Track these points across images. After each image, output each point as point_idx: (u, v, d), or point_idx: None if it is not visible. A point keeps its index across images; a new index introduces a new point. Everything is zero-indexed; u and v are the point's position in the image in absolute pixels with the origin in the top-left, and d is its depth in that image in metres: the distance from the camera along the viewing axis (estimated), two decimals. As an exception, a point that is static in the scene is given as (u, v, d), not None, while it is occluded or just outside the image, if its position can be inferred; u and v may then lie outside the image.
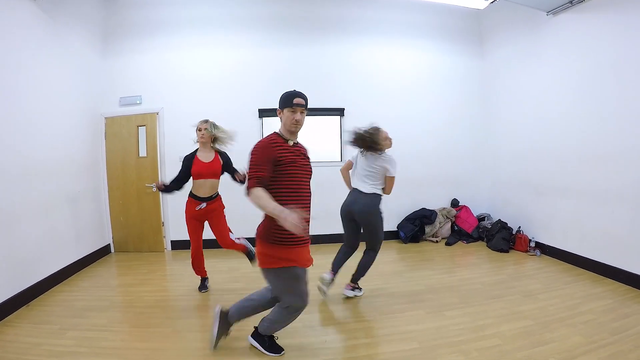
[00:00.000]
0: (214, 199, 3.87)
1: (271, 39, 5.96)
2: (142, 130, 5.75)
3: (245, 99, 5.88)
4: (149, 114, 5.75)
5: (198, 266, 3.99)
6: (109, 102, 5.76)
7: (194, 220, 3.83)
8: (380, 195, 3.65)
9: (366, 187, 3.61)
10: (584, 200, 4.56)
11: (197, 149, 3.90)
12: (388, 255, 5.20)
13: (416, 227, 5.92)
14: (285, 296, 2.46)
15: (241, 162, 3.62)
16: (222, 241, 3.92)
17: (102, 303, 3.76)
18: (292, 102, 2.35)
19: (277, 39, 5.97)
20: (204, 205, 3.79)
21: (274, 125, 6.01)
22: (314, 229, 4.27)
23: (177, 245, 5.82)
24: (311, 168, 2.53)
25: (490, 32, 6.31)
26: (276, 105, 5.45)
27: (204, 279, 4.11)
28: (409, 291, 3.86)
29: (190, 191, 3.84)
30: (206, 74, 5.87)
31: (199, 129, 3.86)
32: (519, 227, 5.54)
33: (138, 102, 5.78)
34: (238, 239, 4.02)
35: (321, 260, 3.53)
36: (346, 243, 3.82)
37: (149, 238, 5.79)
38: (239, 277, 4.44)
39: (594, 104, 4.38)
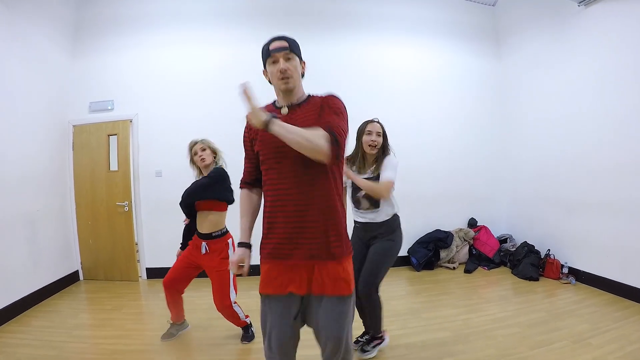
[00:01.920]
0: (215, 238, 3.09)
1: (261, 35, 5.22)
2: (113, 139, 5.11)
3: (231, 103, 5.17)
4: (121, 121, 5.11)
5: (172, 305, 3.23)
6: (77, 108, 5.16)
7: (188, 258, 3.14)
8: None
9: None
10: (623, 218, 4.02)
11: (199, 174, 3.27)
12: (400, 287, 4.55)
13: (430, 251, 5.26)
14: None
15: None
16: (217, 301, 3.10)
17: (49, 352, 3.14)
18: (269, 49, 1.70)
19: (268, 36, 5.30)
20: (206, 247, 3.06)
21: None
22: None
23: (153, 273, 5.12)
24: None
25: (508, 30, 5.80)
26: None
27: (173, 325, 3.36)
28: (432, 340, 3.16)
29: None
30: (187, 75, 5.25)
31: (195, 153, 3.17)
32: (548, 250, 4.92)
33: (109, 107, 5.16)
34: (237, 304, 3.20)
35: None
36: None
37: (121, 264, 5.09)
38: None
39: (633, 106, 3.87)
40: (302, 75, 1.78)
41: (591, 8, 4.33)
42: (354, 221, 2.86)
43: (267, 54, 1.70)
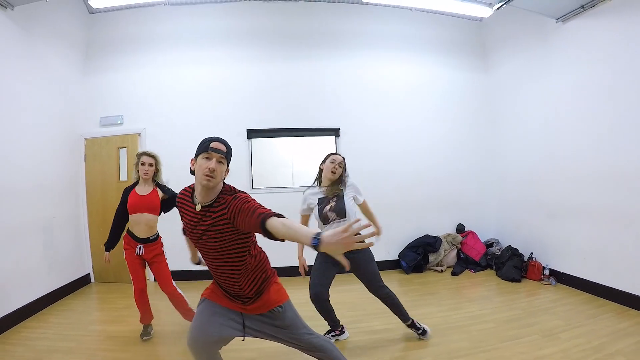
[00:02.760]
0: (152, 242, 3.53)
1: (260, 55, 5.68)
2: (123, 152, 5.44)
3: (233, 119, 5.57)
4: (130, 135, 5.45)
5: (144, 311, 3.55)
6: (89, 122, 5.51)
7: (134, 259, 3.50)
8: None
9: None
10: (603, 223, 4.22)
11: (135, 183, 3.58)
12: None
13: (419, 255, 5.50)
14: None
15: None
16: (163, 287, 3.51)
17: (67, 344, 3.44)
18: (208, 145, 1.87)
19: (266, 55, 5.68)
20: (141, 250, 3.47)
21: (263, 147, 5.73)
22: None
23: (159, 277, 5.38)
24: (212, 239, 1.91)
25: (493, 44, 6.06)
26: (266, 125, 5.15)
27: (147, 327, 3.64)
28: (411, 334, 3.40)
29: (127, 228, 3.57)
30: (191, 92, 5.58)
31: (143, 163, 3.49)
32: (531, 253, 5.15)
33: (119, 122, 5.50)
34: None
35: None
36: None
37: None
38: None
39: (610, 116, 4.09)
40: (223, 179, 1.97)
41: (568, 24, 4.59)
42: None
43: (205, 149, 1.87)
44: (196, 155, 1.91)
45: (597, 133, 4.26)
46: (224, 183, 1.99)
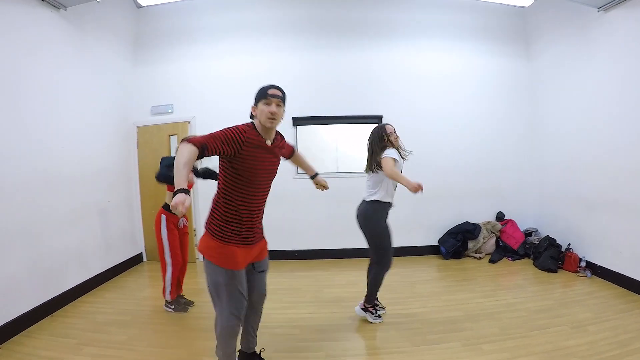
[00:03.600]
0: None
1: (304, 43, 6.02)
2: (174, 139, 5.94)
3: (279, 107, 5.93)
4: (181, 123, 5.94)
5: (176, 285, 4.09)
6: (140, 111, 6.03)
7: (176, 236, 4.03)
8: (377, 200, 3.58)
9: (364, 194, 3.68)
10: (638, 217, 4.37)
11: None
12: (427, 273, 5.20)
13: (458, 242, 5.83)
14: (222, 301, 2.37)
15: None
16: (186, 257, 4.22)
17: (124, 317, 3.94)
18: (266, 92, 2.25)
19: (310, 44, 6.02)
20: (183, 221, 4.08)
21: (308, 133, 6.14)
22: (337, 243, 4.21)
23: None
24: (277, 168, 2.49)
25: (537, 31, 6.10)
26: (311, 113, 5.57)
27: (180, 296, 4.21)
28: (446, 318, 3.79)
29: (166, 203, 4.00)
30: (238, 81, 5.97)
31: None
32: (569, 244, 5.35)
33: (169, 110, 6.00)
34: None
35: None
36: None
37: (180, 248, 5.95)
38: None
39: None
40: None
41: (610, 13, 4.63)
42: (387, 203, 3.62)
43: (264, 95, 2.26)
44: (256, 102, 2.33)
45: (636, 126, 4.34)
46: None
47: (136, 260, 5.96)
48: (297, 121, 6.01)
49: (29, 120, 3.87)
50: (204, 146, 2.02)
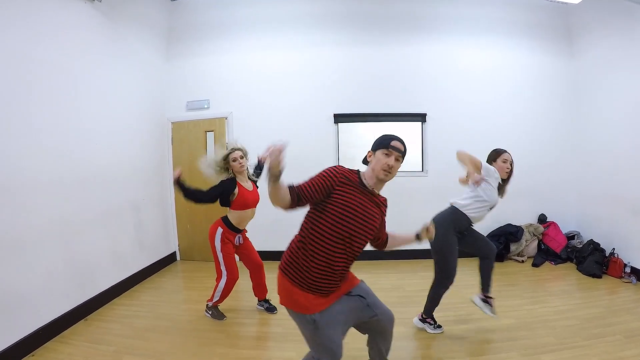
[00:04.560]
0: (244, 230, 4.13)
1: (346, 37, 6.12)
2: (210, 135, 6.09)
3: (320, 103, 6.09)
4: (217, 119, 6.10)
5: (225, 297, 4.13)
6: (175, 106, 6.16)
7: (232, 251, 4.04)
8: (458, 208, 3.66)
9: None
10: None
11: (233, 177, 3.90)
12: (471, 276, 5.28)
13: (501, 244, 5.94)
14: (312, 348, 2.27)
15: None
16: (254, 263, 4.18)
17: (163, 323, 4.00)
18: (389, 143, 2.19)
19: (352, 38, 6.12)
20: (240, 239, 4.06)
21: (350, 131, 6.21)
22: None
23: (245, 257, 6.13)
24: (376, 224, 2.24)
25: (581, 29, 6.17)
26: (353, 110, 5.56)
27: (217, 307, 4.21)
28: (499, 325, 3.92)
29: (229, 221, 3.96)
30: (277, 76, 6.11)
31: (234, 160, 3.84)
32: (613, 249, 5.46)
33: (205, 106, 6.15)
34: None
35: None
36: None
37: (215, 248, 6.15)
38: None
39: None
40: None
41: None
42: (465, 216, 3.67)
43: (386, 145, 2.19)
44: (374, 149, 2.25)
45: None
46: None
47: (170, 259, 6.15)
48: (339, 118, 6.13)
49: (62, 116, 3.94)
50: (296, 188, 2.03)
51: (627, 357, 3.28)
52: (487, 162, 3.70)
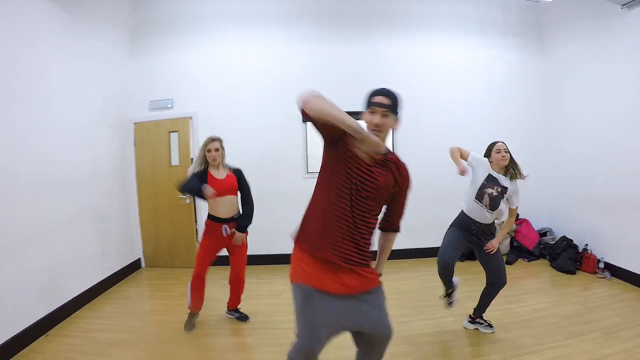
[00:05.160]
0: (236, 220, 3.79)
1: (315, 34, 5.90)
2: (174, 136, 5.78)
3: (287, 101, 5.73)
4: (181, 119, 5.78)
5: (196, 299, 3.80)
6: (138, 106, 5.83)
7: (214, 242, 3.77)
8: (462, 210, 3.70)
9: None
10: None
11: (205, 167, 3.74)
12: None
13: (472, 243, 5.83)
14: (296, 326, 2.03)
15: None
16: (235, 275, 3.89)
17: (128, 336, 3.72)
18: (371, 100, 1.97)
19: (321, 35, 5.91)
20: (227, 228, 3.73)
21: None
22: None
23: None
24: (381, 188, 1.99)
25: (552, 27, 6.12)
26: None
27: (193, 315, 3.91)
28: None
29: (208, 213, 3.80)
30: (244, 73, 5.84)
31: (209, 150, 3.69)
32: (586, 245, 5.42)
33: (169, 105, 5.83)
34: None
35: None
36: None
37: (181, 253, 5.84)
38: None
39: None
40: (393, 130, 2.08)
41: (634, 10, 4.65)
42: (467, 217, 3.64)
43: (368, 103, 1.97)
44: (364, 110, 2.02)
45: None
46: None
47: (135, 266, 5.79)
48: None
49: (15, 118, 3.54)
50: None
51: (609, 355, 3.20)
52: (485, 156, 3.61)
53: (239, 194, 3.86)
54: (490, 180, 3.49)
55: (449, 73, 6.15)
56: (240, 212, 3.86)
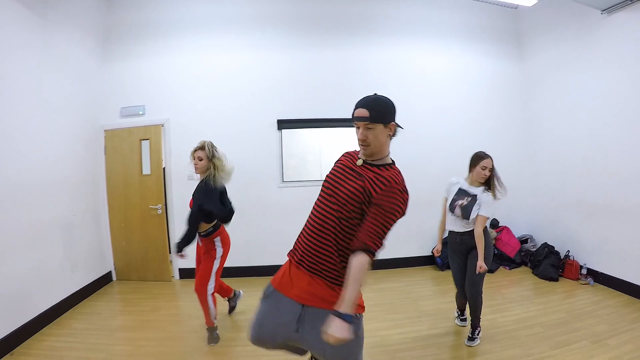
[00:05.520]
0: (207, 237, 3.62)
1: (292, 39, 5.71)
2: (145, 144, 5.51)
3: (263, 108, 5.63)
4: (153, 126, 5.51)
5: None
6: (109, 113, 5.53)
7: (198, 252, 3.80)
8: None
9: None
10: None
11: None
12: (426, 287, 4.99)
13: (454, 252, 5.68)
14: None
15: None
16: (196, 283, 3.66)
17: (96, 355, 3.45)
18: (353, 115, 1.90)
19: (298, 40, 5.72)
20: (200, 242, 3.70)
21: (295, 137, 5.81)
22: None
23: (186, 274, 5.52)
24: (349, 192, 1.86)
25: (530, 32, 6.08)
26: (297, 115, 5.56)
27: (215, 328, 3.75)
28: (461, 340, 3.60)
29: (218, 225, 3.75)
30: (218, 79, 5.62)
31: (194, 158, 3.60)
32: (568, 251, 5.33)
33: (141, 112, 5.55)
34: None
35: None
36: None
37: (154, 265, 5.55)
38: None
39: None
40: (392, 136, 1.98)
41: (614, 16, 4.61)
42: (449, 232, 3.69)
43: (352, 118, 1.91)
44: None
45: None
46: (392, 160, 2.07)
47: (105, 280, 5.46)
48: (283, 124, 5.68)
49: None
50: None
51: (598, 365, 3.07)
52: (469, 164, 3.66)
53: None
54: (460, 192, 3.56)
55: (429, 79, 6.02)
56: (212, 229, 3.71)
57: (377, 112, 1.85)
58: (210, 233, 3.60)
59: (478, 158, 3.53)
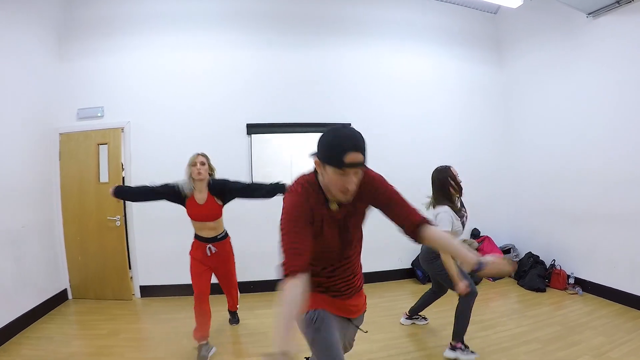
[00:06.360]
0: (220, 240, 3.53)
1: (262, 39, 5.32)
2: (103, 149, 4.99)
3: (231, 111, 5.21)
4: (112, 130, 5.00)
5: (201, 323, 3.37)
6: (65, 115, 5.03)
7: (199, 263, 3.47)
8: None
9: None
10: (632, 229, 4.18)
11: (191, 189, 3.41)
12: (408, 302, 4.54)
13: (433, 265, 5.34)
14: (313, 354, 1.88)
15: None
16: (225, 282, 3.72)
17: None
18: (342, 160, 1.48)
19: (268, 40, 5.33)
20: (212, 248, 3.47)
21: (264, 143, 5.33)
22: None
23: (147, 291, 5.03)
24: (352, 236, 1.82)
25: (510, 37, 5.93)
26: (268, 119, 5.00)
27: (203, 345, 3.35)
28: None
29: (194, 232, 3.55)
30: (184, 81, 5.17)
31: (194, 164, 3.36)
32: (553, 260, 5.09)
33: (99, 114, 5.05)
34: None
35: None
36: None
37: (113, 282, 4.98)
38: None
39: None
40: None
41: (600, 19, 4.47)
42: None
43: (339, 164, 1.50)
44: (322, 160, 1.56)
45: (628, 135, 4.20)
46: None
47: (61, 298, 4.86)
48: (252, 129, 5.25)
49: None
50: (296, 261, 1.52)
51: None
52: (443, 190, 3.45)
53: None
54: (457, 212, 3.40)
55: (407, 84, 5.73)
56: (225, 230, 3.65)
57: (365, 152, 1.56)
58: (225, 235, 3.62)
59: (445, 171, 3.47)
